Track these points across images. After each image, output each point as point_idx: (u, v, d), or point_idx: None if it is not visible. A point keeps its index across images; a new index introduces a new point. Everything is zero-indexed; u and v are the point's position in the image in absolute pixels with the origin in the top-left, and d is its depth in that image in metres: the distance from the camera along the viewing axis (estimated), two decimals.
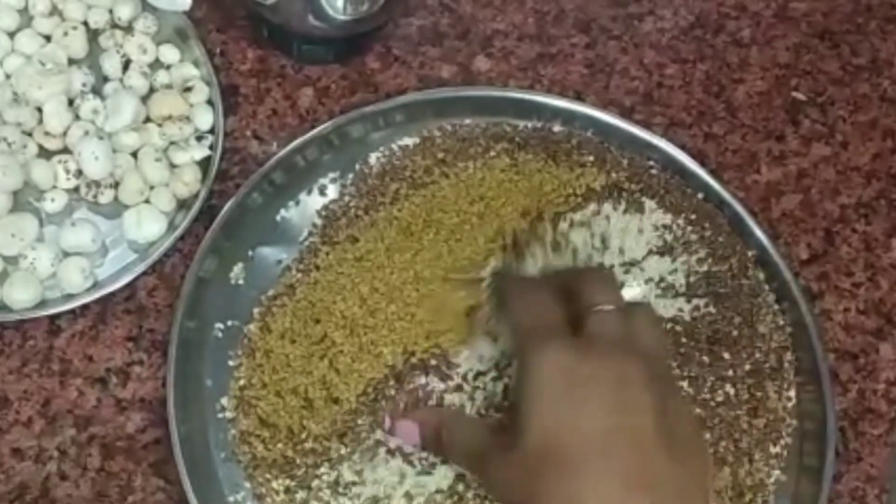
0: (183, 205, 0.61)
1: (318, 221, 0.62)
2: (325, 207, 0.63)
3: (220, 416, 0.57)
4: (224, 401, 0.57)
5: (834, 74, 0.72)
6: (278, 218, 0.62)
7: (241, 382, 0.57)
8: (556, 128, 0.66)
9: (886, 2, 0.74)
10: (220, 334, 0.59)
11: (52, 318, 0.58)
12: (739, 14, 0.72)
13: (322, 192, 0.63)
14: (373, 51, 0.68)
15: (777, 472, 0.58)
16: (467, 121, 0.65)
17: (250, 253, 0.61)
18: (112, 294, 0.59)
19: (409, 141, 0.64)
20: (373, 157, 0.64)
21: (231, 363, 0.58)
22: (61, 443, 0.56)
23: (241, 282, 0.61)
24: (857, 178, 0.69)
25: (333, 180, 0.64)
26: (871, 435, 0.62)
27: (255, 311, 0.59)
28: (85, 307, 0.59)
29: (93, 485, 0.55)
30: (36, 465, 0.55)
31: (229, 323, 0.59)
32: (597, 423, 0.44)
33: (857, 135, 0.70)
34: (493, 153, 0.64)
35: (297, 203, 0.63)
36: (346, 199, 0.63)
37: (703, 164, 0.65)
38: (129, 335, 0.60)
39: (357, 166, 0.64)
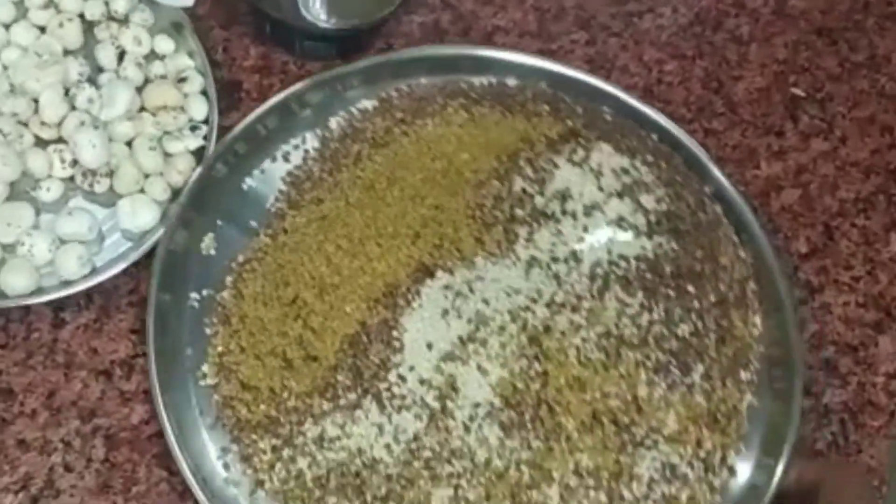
0: (177, 194, 0.63)
1: (284, 187, 0.64)
2: (290, 173, 0.65)
3: (202, 383, 0.59)
4: (205, 368, 0.59)
5: (832, 71, 0.74)
6: (244, 187, 0.64)
7: (220, 349, 0.59)
8: (511, 81, 0.69)
9: None
10: (196, 304, 0.61)
11: (57, 310, 0.61)
12: (738, 11, 0.74)
13: (286, 159, 0.65)
14: (374, 47, 0.69)
15: (749, 396, 0.61)
16: (423, 80, 0.68)
17: (219, 223, 0.63)
18: (116, 287, 0.62)
19: (367, 104, 0.67)
20: (333, 122, 0.66)
21: (208, 331, 0.60)
22: (66, 434, 0.58)
23: (212, 251, 0.62)
24: (855, 173, 0.71)
25: (296, 146, 0.66)
26: (871, 427, 0.63)
27: (228, 278, 0.61)
28: (89, 300, 0.61)
29: (97, 476, 0.57)
30: (41, 456, 0.57)
31: (204, 292, 0.61)
32: None
33: (855, 130, 0.72)
34: (450, 109, 0.66)
35: (262, 171, 0.65)
36: (310, 163, 0.65)
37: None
38: (132, 328, 0.62)
39: (318, 131, 0.66)
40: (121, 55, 0.65)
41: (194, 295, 0.61)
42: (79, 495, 0.56)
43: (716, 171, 0.66)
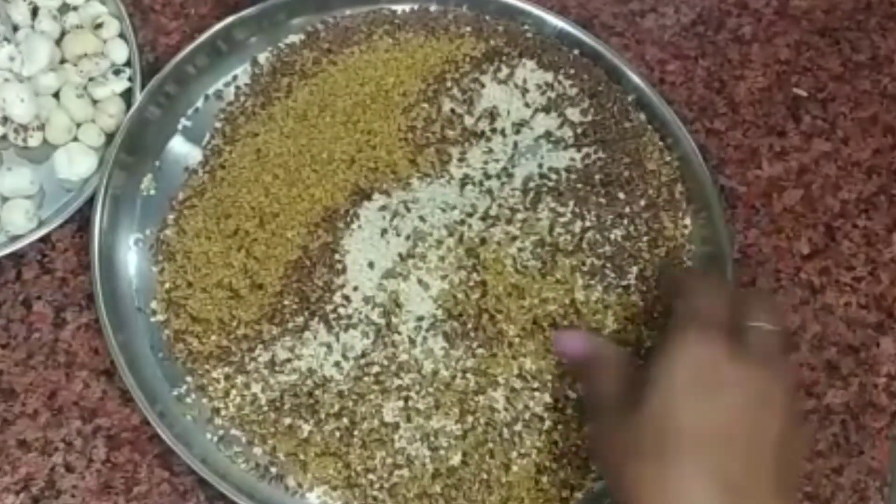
0: (112, 138, 0.66)
1: (218, 125, 0.69)
2: (223, 110, 0.69)
3: (152, 319, 0.63)
4: (154, 305, 0.64)
5: (834, 71, 0.78)
6: (180, 126, 0.69)
7: (167, 286, 0.64)
8: (433, 7, 0.74)
9: None
10: (140, 244, 0.65)
11: (58, 309, 0.64)
12: (741, 11, 0.77)
13: (218, 97, 0.70)
14: None
15: None
16: (348, 11, 0.73)
17: (157, 163, 0.67)
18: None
19: (294, 38, 0.72)
20: (262, 58, 0.71)
21: (155, 269, 0.65)
22: (67, 434, 0.61)
23: (152, 192, 0.67)
24: (857, 173, 0.75)
25: (227, 84, 0.70)
26: (873, 428, 0.67)
27: (170, 216, 0.66)
28: (90, 300, 0.63)
29: (98, 476, 0.60)
30: (42, 456, 0.60)
31: (147, 232, 0.66)
32: (720, 426, 0.48)
33: (857, 131, 0.76)
34: (375, 36, 0.71)
35: (197, 110, 0.69)
36: (242, 99, 0.70)
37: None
38: None
39: (248, 68, 0.71)
40: (34, 11, 0.69)
41: (138, 235, 0.65)
42: (80, 496, 0.60)
43: (637, 80, 0.72)
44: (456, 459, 0.60)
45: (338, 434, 0.60)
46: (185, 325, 0.62)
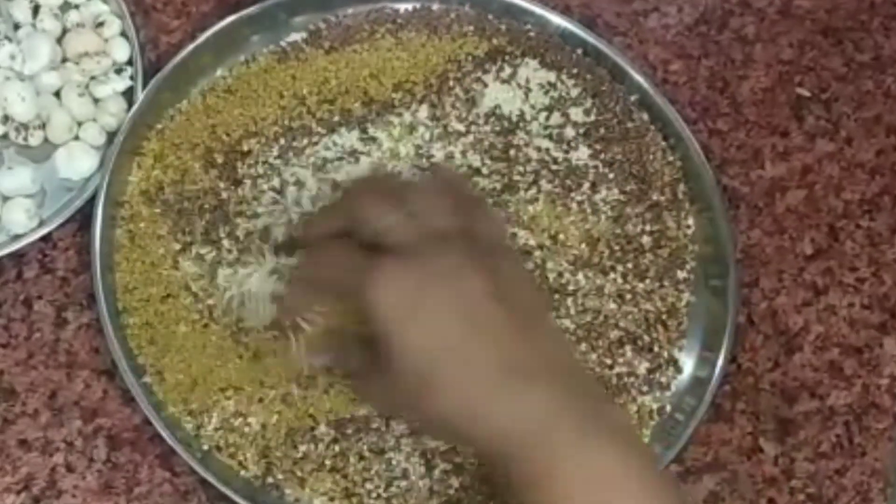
0: (113, 137, 0.66)
1: None
2: None
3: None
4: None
5: (838, 71, 0.78)
6: None
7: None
8: (435, 6, 0.74)
9: None
10: None
11: (59, 309, 0.63)
12: (744, 11, 0.77)
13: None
14: None
15: (687, 294, 0.67)
16: (350, 10, 0.72)
17: None
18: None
19: (296, 36, 0.71)
20: (262, 56, 0.70)
21: None
22: (68, 434, 0.60)
23: None
24: (860, 174, 0.75)
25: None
26: (875, 429, 0.67)
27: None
28: (91, 299, 0.62)
29: (99, 476, 0.60)
30: (42, 456, 0.60)
31: None
32: (451, 328, 0.49)
33: (860, 131, 0.76)
34: (378, 35, 0.71)
35: None
36: None
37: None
38: None
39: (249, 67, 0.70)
40: (35, 9, 0.69)
41: None
42: (81, 496, 0.60)
43: (640, 80, 0.72)
44: (455, 483, 0.59)
45: (335, 450, 0.59)
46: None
